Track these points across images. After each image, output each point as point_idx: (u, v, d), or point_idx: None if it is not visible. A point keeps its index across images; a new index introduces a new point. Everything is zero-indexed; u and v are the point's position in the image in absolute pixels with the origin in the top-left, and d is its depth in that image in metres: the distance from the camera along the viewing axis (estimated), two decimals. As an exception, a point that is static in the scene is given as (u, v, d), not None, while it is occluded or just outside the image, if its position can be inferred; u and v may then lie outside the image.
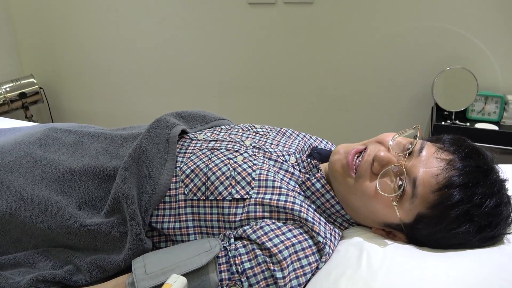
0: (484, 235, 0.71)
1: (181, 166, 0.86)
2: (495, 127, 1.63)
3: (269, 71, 2.20)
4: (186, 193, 0.83)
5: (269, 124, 2.28)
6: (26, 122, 1.55)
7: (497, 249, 0.71)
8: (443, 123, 1.70)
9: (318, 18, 2.02)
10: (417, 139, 0.78)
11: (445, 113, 1.78)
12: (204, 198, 0.81)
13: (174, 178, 0.85)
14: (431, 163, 0.73)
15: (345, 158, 0.79)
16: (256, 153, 0.87)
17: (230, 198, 0.79)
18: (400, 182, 0.73)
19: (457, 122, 1.72)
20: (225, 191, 0.80)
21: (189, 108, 1.03)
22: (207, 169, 0.83)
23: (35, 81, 2.59)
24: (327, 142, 1.07)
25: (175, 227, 0.82)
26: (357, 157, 0.80)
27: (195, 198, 0.82)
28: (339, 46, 2.03)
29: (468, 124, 1.71)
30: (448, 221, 0.69)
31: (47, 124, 1.16)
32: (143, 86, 2.50)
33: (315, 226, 0.75)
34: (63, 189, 0.86)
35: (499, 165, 0.76)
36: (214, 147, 0.89)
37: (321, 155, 0.98)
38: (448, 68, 1.72)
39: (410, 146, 0.76)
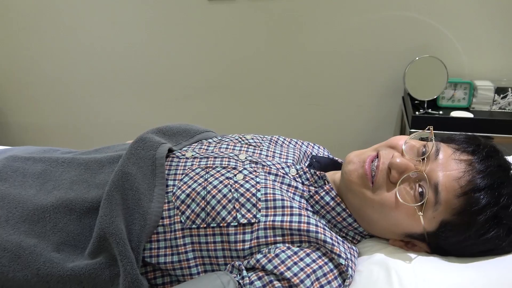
0: None
1: (174, 190, 0.76)
2: (470, 115, 1.64)
3: (234, 69, 2.11)
4: (183, 221, 0.73)
5: (238, 126, 2.22)
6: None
7: None
8: (417, 113, 1.69)
9: (282, 12, 1.95)
10: (430, 141, 0.73)
11: (416, 102, 1.77)
12: (205, 225, 0.72)
13: (166, 205, 0.76)
14: (450, 166, 0.68)
15: (362, 167, 0.73)
16: (256, 169, 0.79)
17: (236, 224, 0.71)
18: (420, 189, 0.68)
19: (430, 110, 1.72)
20: (229, 216, 0.71)
21: (149, 115, 0.92)
22: (205, 192, 0.74)
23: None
24: (319, 147, 1.01)
25: (174, 260, 0.73)
26: (371, 166, 0.74)
27: (194, 226, 0.73)
28: (306, 40, 1.97)
29: (441, 112, 1.71)
30: (477, 227, 0.65)
31: (1, 150, 1.01)
32: (98, 94, 2.33)
33: (335, 248, 0.68)
34: (35, 229, 0.74)
35: None
36: (208, 165, 0.80)
37: (320, 164, 0.91)
38: (417, 58, 1.71)
39: (424, 149, 0.71)
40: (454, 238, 0.67)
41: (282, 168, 0.81)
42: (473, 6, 1.75)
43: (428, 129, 0.74)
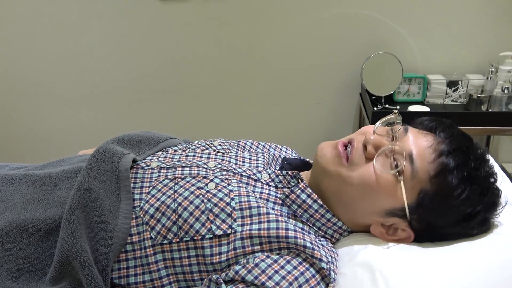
0: (487, 201, 0.69)
1: (141, 204, 0.71)
2: (426, 109, 1.68)
3: (190, 71, 2.05)
4: (153, 237, 0.69)
5: (200, 129, 2.17)
6: None
7: (496, 234, 0.70)
8: (375, 109, 1.72)
9: (237, 11, 1.92)
10: (398, 123, 0.75)
11: (373, 97, 1.80)
12: (178, 239, 0.68)
13: (134, 220, 0.71)
14: (419, 139, 0.72)
15: (335, 148, 0.74)
16: (228, 177, 0.75)
17: (211, 236, 0.67)
18: (396, 162, 0.69)
19: (387, 106, 1.76)
20: (203, 228, 0.67)
21: (102, 122, 0.86)
22: (176, 205, 0.70)
23: None
24: (286, 149, 0.99)
25: (145, 279, 0.69)
26: (344, 149, 0.75)
27: (165, 241, 0.68)
28: (262, 39, 1.95)
29: (398, 106, 1.74)
30: (453, 188, 0.67)
31: None
32: (45, 101, 2.18)
33: (316, 252, 0.66)
34: (-14, 257, 0.66)
35: None
36: (176, 176, 0.75)
37: (291, 166, 0.89)
38: (373, 55, 1.73)
39: (393, 131, 0.74)
40: (433, 204, 0.68)
41: (254, 174, 0.78)
42: (423, 3, 1.80)
43: (395, 113, 0.77)
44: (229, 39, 1.97)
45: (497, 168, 0.90)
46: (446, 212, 0.69)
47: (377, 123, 0.77)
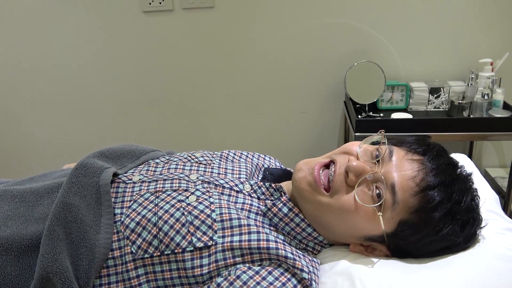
0: (467, 233, 0.69)
1: (122, 219, 0.71)
2: (409, 116, 1.71)
3: (174, 82, 2.05)
4: (134, 251, 0.69)
5: (184, 140, 2.17)
6: None
7: (478, 249, 0.70)
8: (359, 117, 1.74)
9: (221, 22, 1.93)
10: (383, 144, 0.75)
11: (357, 106, 1.82)
12: (159, 253, 0.68)
13: (115, 235, 0.71)
14: (404, 166, 0.69)
15: (311, 174, 0.72)
16: (209, 189, 0.76)
17: (192, 248, 0.67)
18: (377, 191, 0.68)
19: (371, 113, 1.78)
20: (183, 241, 0.68)
21: (88, 135, 0.86)
22: (157, 219, 0.70)
23: None
24: (270, 158, 1.00)
25: (127, 294, 0.68)
26: (322, 170, 0.74)
27: (146, 255, 0.68)
28: (246, 49, 1.97)
29: (382, 114, 1.77)
30: (433, 224, 0.66)
31: None
32: (29, 114, 2.16)
33: (297, 262, 0.66)
34: (-35, 276, 0.66)
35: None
36: (157, 189, 0.75)
37: (274, 176, 0.90)
38: (355, 64, 1.76)
39: (377, 152, 0.72)
40: (413, 237, 0.68)
41: (236, 185, 0.78)
42: (404, 13, 1.84)
43: (380, 133, 0.76)
44: (213, 50, 1.98)
45: (478, 175, 0.91)
46: (425, 244, 0.69)
47: (361, 143, 0.75)
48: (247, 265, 0.67)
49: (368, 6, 1.84)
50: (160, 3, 1.91)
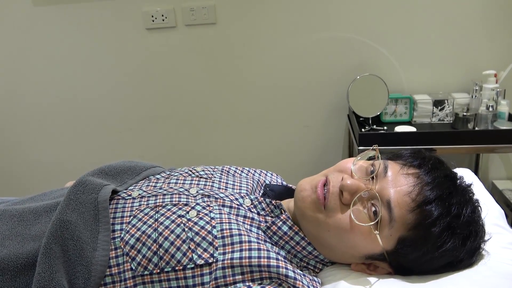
0: (469, 247, 0.67)
1: (122, 235, 0.70)
2: (413, 129, 1.69)
3: (178, 99, 2.06)
4: (134, 268, 0.67)
5: (188, 156, 2.16)
6: None
7: (483, 267, 0.68)
8: (363, 130, 1.72)
9: (223, 38, 1.94)
10: (377, 159, 0.73)
11: (361, 119, 1.81)
12: (159, 270, 0.67)
13: (113, 252, 0.69)
14: (400, 182, 0.68)
15: (314, 193, 0.71)
16: (209, 203, 0.74)
17: (192, 266, 0.66)
18: (374, 208, 0.67)
19: (375, 126, 1.76)
20: (184, 258, 0.66)
21: (92, 152, 0.86)
22: (157, 235, 0.68)
23: None
24: (272, 174, 0.98)
25: (125, 313, 0.66)
26: (323, 192, 0.71)
27: (146, 272, 0.67)
28: (248, 65, 1.98)
29: (385, 127, 1.75)
30: (433, 240, 0.64)
31: None
32: (30, 133, 2.17)
33: (298, 282, 0.65)
34: (-40, 297, 0.65)
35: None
36: (157, 204, 0.74)
37: (274, 192, 0.88)
38: (358, 77, 1.75)
39: (372, 168, 0.71)
40: (413, 254, 0.66)
41: (236, 199, 0.77)
42: (407, 25, 1.84)
43: (374, 149, 0.74)
44: (216, 65, 1.99)
45: (482, 189, 0.89)
46: (427, 261, 0.67)
47: (355, 160, 0.74)
48: (247, 283, 0.65)
49: (369, 20, 1.85)
50: (163, 20, 1.92)
